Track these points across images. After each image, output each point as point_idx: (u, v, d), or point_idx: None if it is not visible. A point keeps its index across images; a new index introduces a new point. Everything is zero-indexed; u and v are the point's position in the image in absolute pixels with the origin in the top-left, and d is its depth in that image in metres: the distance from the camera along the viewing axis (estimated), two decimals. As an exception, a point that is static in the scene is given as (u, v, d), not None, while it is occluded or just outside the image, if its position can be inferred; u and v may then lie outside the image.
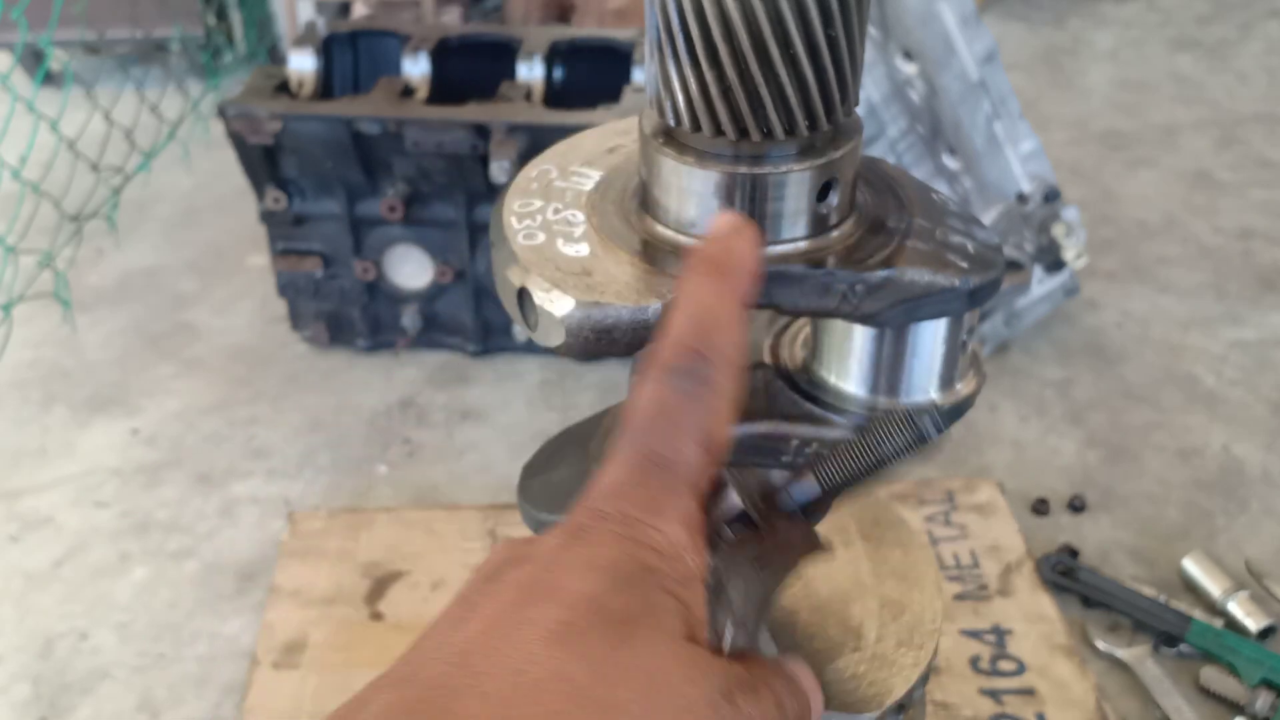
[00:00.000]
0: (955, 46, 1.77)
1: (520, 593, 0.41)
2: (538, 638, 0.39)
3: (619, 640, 0.39)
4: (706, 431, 0.46)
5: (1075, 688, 1.39)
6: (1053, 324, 2.13)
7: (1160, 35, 3.67)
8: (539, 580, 0.42)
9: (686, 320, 0.49)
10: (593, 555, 0.42)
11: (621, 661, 0.39)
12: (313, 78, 2.03)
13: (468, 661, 0.39)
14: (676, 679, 0.40)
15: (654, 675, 0.39)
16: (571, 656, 0.39)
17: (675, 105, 0.63)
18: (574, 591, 0.41)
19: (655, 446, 0.46)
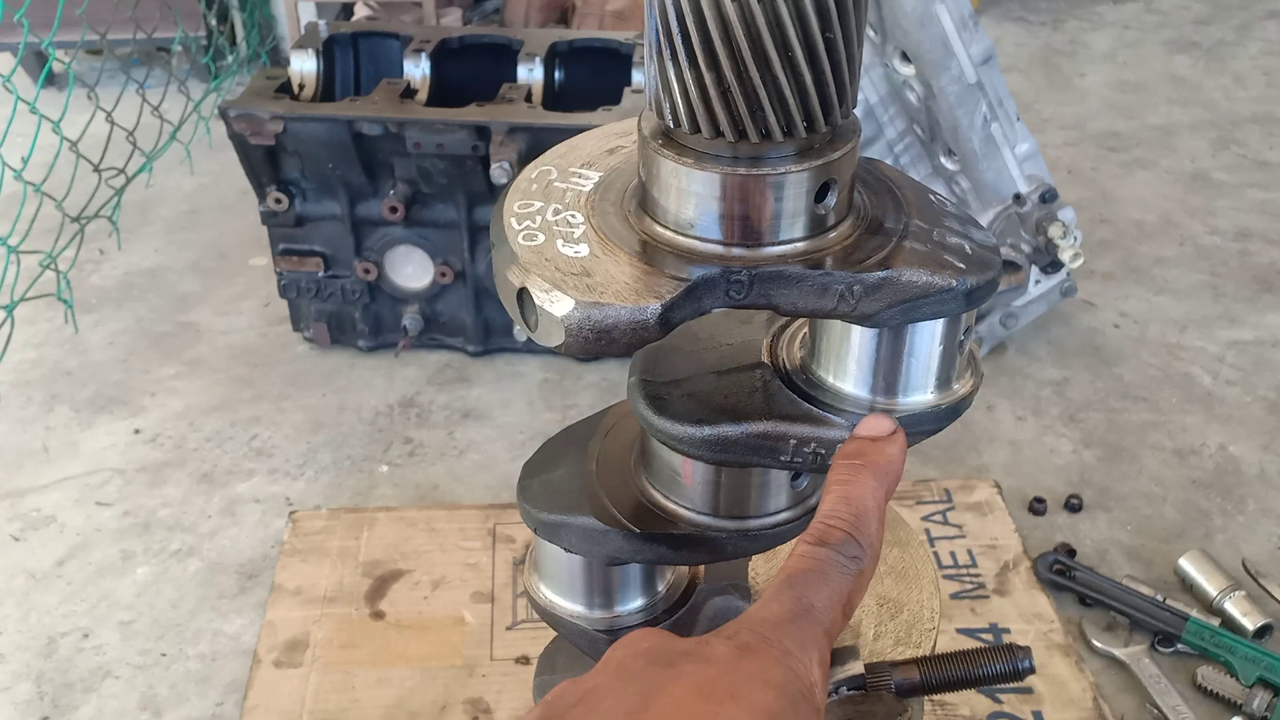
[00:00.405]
0: (953, 48, 1.78)
1: (704, 688, 0.49)
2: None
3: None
4: (848, 598, 0.56)
5: (1072, 686, 1.40)
6: (1050, 324, 2.14)
7: (1157, 37, 3.68)
8: (721, 682, 0.49)
9: (845, 504, 0.59)
10: (766, 674, 0.50)
11: None
12: (314, 79, 2.04)
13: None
14: None
15: None
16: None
17: (674, 107, 0.64)
18: (756, 701, 0.48)
19: (810, 598, 0.54)
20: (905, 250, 0.67)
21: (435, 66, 2.02)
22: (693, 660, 0.51)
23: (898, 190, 0.73)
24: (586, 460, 0.85)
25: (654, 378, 0.78)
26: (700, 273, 0.65)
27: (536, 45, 2.07)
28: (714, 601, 0.87)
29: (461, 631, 1.48)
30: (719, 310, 0.67)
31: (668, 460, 0.80)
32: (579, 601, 0.86)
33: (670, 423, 0.74)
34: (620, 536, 0.79)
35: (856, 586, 0.56)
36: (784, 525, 0.81)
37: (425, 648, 1.45)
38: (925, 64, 1.80)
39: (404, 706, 1.37)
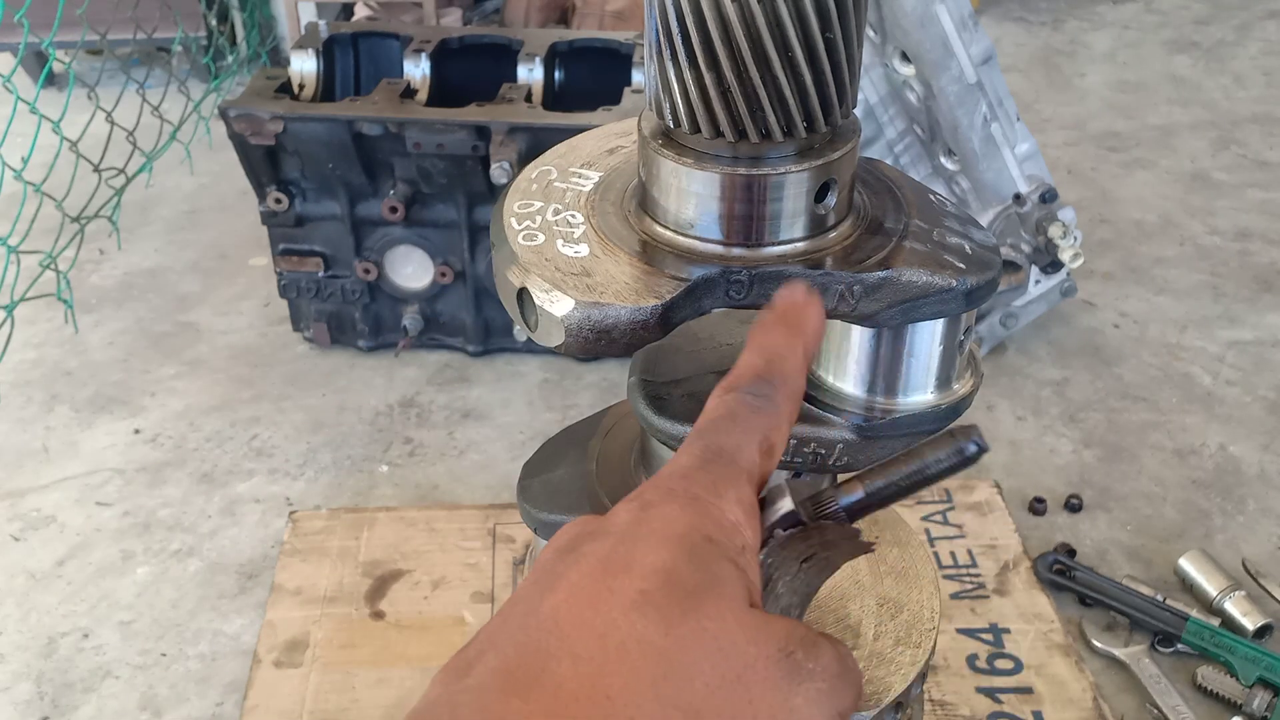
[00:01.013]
0: (953, 48, 1.78)
1: (600, 564, 0.46)
2: (619, 606, 0.44)
3: (690, 607, 0.45)
4: (765, 435, 0.52)
5: (1072, 686, 1.40)
6: (1050, 324, 2.14)
7: (1157, 37, 3.68)
8: (616, 552, 0.47)
9: (756, 354, 0.55)
10: (664, 529, 0.47)
11: (693, 626, 0.44)
12: (314, 79, 2.04)
13: (558, 627, 0.44)
14: (741, 640, 0.45)
15: (721, 638, 0.44)
16: (650, 623, 0.44)
17: (674, 107, 0.64)
18: (649, 564, 0.46)
19: (720, 442, 0.51)
20: (905, 250, 0.68)
21: (435, 66, 2.03)
22: (594, 538, 0.48)
23: (898, 190, 0.74)
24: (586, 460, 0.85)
25: (654, 378, 0.78)
26: (700, 273, 0.65)
27: (536, 45, 2.07)
28: None
29: (461, 631, 1.48)
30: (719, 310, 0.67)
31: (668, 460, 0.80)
32: (579, 601, 0.86)
33: (670, 423, 0.74)
34: (620, 536, 0.79)
35: (773, 424, 0.53)
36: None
37: (425, 648, 1.45)
38: (925, 64, 1.80)
39: (404, 706, 1.37)
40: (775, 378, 0.54)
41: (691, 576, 0.45)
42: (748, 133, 0.63)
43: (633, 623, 0.43)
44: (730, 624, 0.45)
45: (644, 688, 0.42)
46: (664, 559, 0.46)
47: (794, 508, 0.54)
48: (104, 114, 2.45)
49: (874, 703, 0.81)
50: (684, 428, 0.73)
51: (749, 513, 0.50)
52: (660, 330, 0.63)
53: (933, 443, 0.55)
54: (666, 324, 0.63)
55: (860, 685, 0.50)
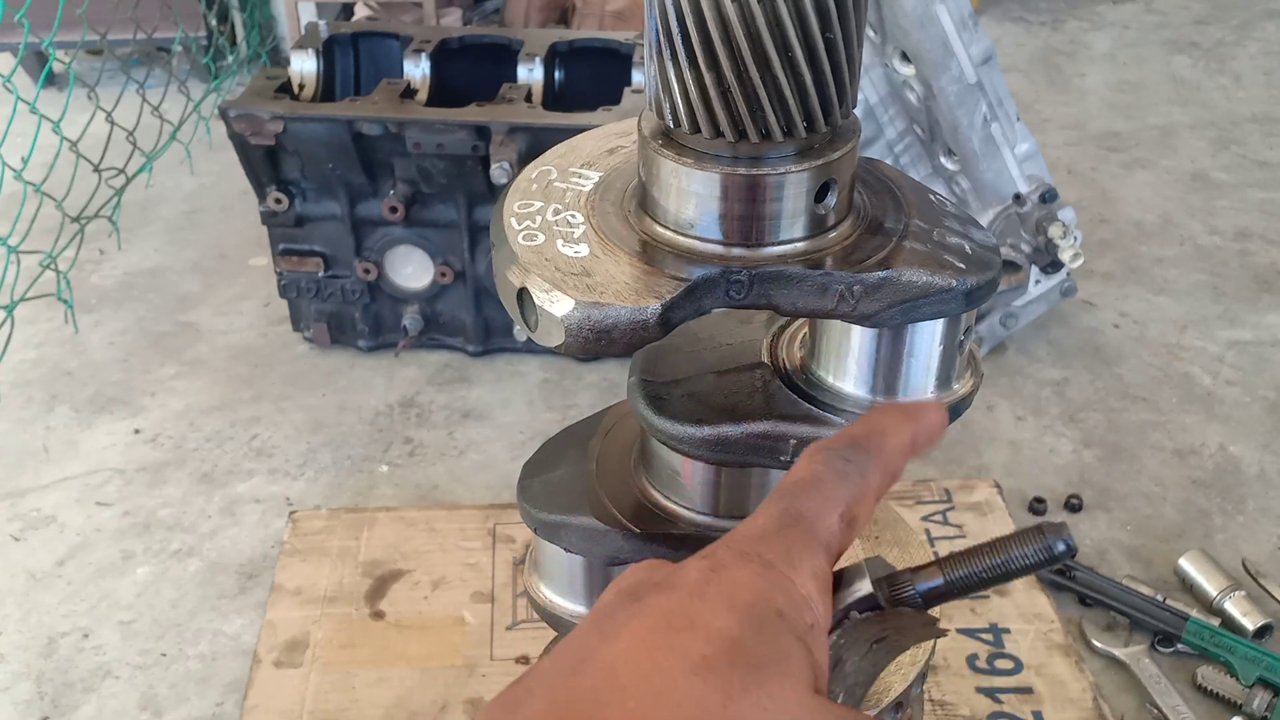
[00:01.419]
0: (953, 48, 1.78)
1: (665, 619, 0.44)
2: (679, 666, 0.42)
3: (753, 681, 0.42)
4: (849, 505, 0.50)
5: (1072, 686, 1.40)
6: (1049, 324, 2.14)
7: (1157, 37, 3.68)
8: (683, 610, 0.45)
9: (859, 424, 0.54)
10: (734, 594, 0.45)
11: (752, 701, 0.42)
12: (314, 79, 2.04)
13: (614, 676, 0.42)
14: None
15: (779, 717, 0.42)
16: (710, 689, 0.42)
17: (674, 107, 0.64)
18: (715, 628, 0.44)
19: (800, 506, 0.49)
20: (905, 250, 0.68)
21: (435, 66, 2.03)
22: (661, 590, 0.46)
23: (898, 190, 0.74)
24: (586, 460, 0.85)
25: (654, 378, 0.78)
26: (700, 273, 0.65)
27: (536, 45, 2.07)
28: None
29: (461, 631, 1.48)
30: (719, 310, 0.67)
31: (668, 460, 0.80)
32: (579, 601, 0.86)
33: (670, 423, 0.74)
34: (620, 536, 0.79)
35: (859, 495, 0.50)
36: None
37: (425, 648, 1.46)
38: (925, 64, 1.80)
39: (404, 706, 1.37)
40: (871, 448, 0.52)
41: (757, 649, 0.43)
42: (748, 133, 0.63)
43: (692, 686, 0.41)
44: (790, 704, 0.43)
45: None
46: (731, 626, 0.44)
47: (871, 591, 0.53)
48: (104, 114, 2.45)
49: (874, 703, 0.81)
50: (684, 428, 0.73)
51: (823, 588, 0.48)
52: (660, 330, 0.63)
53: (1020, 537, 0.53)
54: (666, 324, 0.63)
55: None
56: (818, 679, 0.46)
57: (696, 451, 0.74)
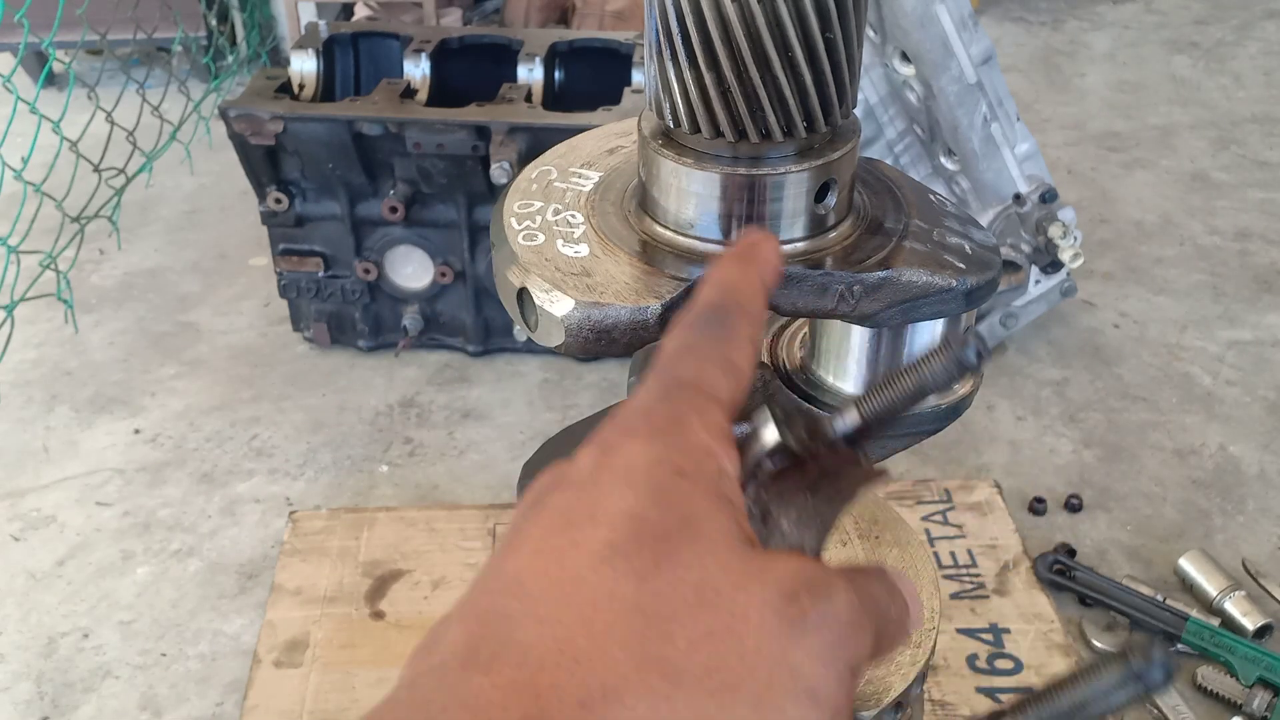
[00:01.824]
0: (953, 48, 1.78)
1: (562, 516, 0.42)
2: (585, 560, 0.40)
3: (664, 554, 0.40)
4: (728, 358, 0.48)
5: (1072, 686, 1.40)
6: (1049, 324, 2.14)
7: (1157, 37, 3.68)
8: (579, 502, 0.42)
9: (713, 288, 0.51)
10: (627, 471, 0.43)
11: (668, 576, 0.40)
12: (314, 79, 2.04)
13: (522, 589, 0.40)
14: (727, 587, 0.40)
15: (703, 586, 0.40)
16: (620, 575, 0.39)
17: (674, 107, 0.64)
18: (615, 511, 0.41)
19: (678, 373, 0.47)
20: (905, 250, 0.68)
21: (435, 66, 2.03)
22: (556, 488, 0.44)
23: (898, 190, 0.74)
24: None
25: (654, 378, 0.77)
26: (700, 273, 0.65)
27: (536, 45, 2.07)
28: None
29: (461, 631, 1.48)
30: (719, 310, 0.67)
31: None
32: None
33: (670, 423, 0.74)
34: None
35: (733, 345, 0.48)
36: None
37: (425, 648, 1.45)
38: (925, 64, 1.80)
39: (404, 706, 1.37)
40: (730, 304, 0.50)
41: (663, 519, 0.41)
42: (748, 133, 0.63)
43: (602, 578, 0.39)
44: (711, 571, 0.40)
45: (616, 650, 0.38)
46: (630, 503, 0.41)
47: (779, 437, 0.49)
48: (104, 114, 2.45)
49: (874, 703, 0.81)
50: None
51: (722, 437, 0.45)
52: (660, 330, 0.63)
53: (931, 355, 0.50)
54: (666, 324, 0.63)
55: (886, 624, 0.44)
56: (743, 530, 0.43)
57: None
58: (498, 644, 0.39)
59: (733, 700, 0.38)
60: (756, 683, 0.38)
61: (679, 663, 0.38)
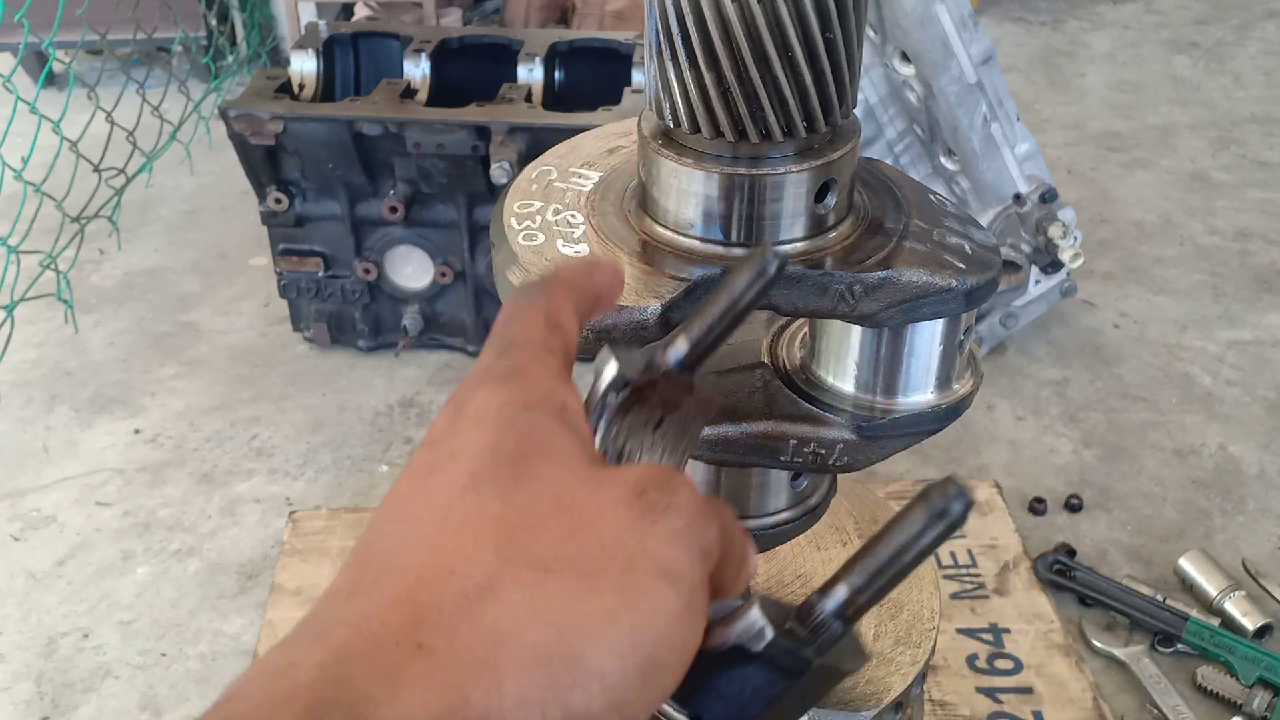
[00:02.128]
0: (953, 49, 1.78)
1: (427, 465, 0.46)
2: (452, 493, 0.44)
3: (523, 470, 0.44)
4: (551, 316, 0.52)
5: (1072, 686, 1.40)
6: (1049, 324, 2.14)
7: (1157, 37, 3.68)
8: (439, 452, 0.46)
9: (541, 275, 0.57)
10: (479, 415, 0.47)
11: (529, 488, 0.44)
12: (314, 79, 2.04)
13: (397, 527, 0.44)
14: (581, 492, 0.44)
15: (561, 493, 0.44)
16: (483, 497, 0.43)
17: (674, 107, 0.64)
18: (473, 448, 0.45)
19: (510, 335, 0.51)
20: (905, 250, 0.68)
21: (435, 66, 2.03)
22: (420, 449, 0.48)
23: (898, 190, 0.74)
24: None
25: (654, 378, 0.77)
26: (700, 273, 0.65)
27: (536, 45, 2.07)
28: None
29: (461, 631, 1.48)
30: (719, 310, 0.67)
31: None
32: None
33: (670, 423, 0.74)
34: (620, 536, 0.79)
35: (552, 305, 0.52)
36: (784, 525, 0.81)
37: (425, 648, 1.45)
38: (925, 64, 1.80)
39: (404, 706, 1.37)
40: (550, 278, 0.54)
41: (518, 444, 0.45)
42: (748, 133, 0.63)
43: (469, 503, 0.43)
44: (567, 479, 0.44)
45: (486, 555, 0.41)
46: (485, 438, 0.45)
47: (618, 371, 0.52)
48: (104, 114, 2.45)
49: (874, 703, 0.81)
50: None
51: (560, 379, 0.50)
52: (660, 330, 0.63)
53: (733, 271, 0.52)
54: (666, 324, 0.63)
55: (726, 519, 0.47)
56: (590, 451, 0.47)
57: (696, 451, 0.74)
58: (378, 572, 0.42)
59: (599, 583, 0.41)
60: (617, 567, 0.42)
61: (546, 557, 0.42)
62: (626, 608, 0.41)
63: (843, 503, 0.97)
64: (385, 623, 0.40)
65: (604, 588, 0.41)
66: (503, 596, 0.40)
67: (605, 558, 0.42)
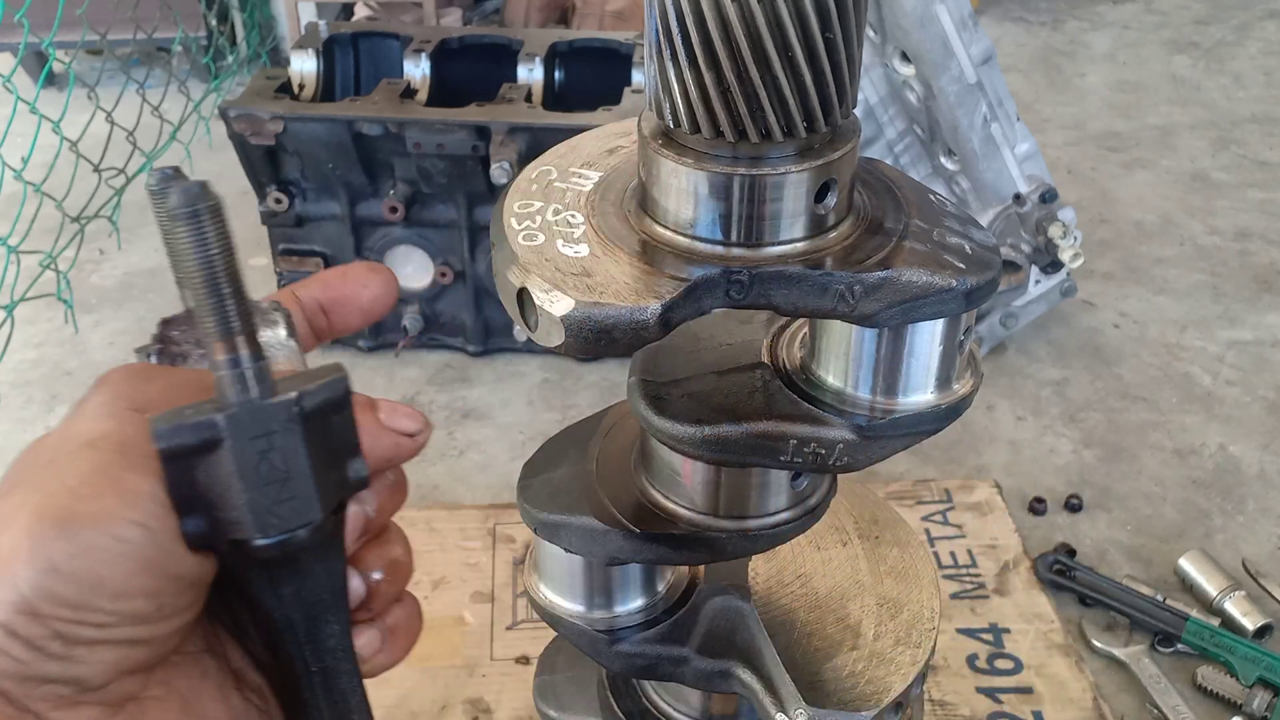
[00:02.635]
0: (953, 48, 1.78)
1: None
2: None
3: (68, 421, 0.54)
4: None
5: (1072, 686, 1.40)
6: (1049, 324, 2.14)
7: (1157, 37, 3.68)
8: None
9: None
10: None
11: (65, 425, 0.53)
12: (314, 79, 2.04)
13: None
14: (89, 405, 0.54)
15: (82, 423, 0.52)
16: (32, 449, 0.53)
17: (674, 107, 0.64)
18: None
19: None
20: (905, 250, 0.67)
21: (435, 66, 2.03)
22: None
23: (898, 190, 0.73)
24: (586, 460, 0.85)
25: (654, 378, 0.78)
26: (700, 273, 0.65)
27: (536, 45, 2.07)
28: (714, 601, 0.87)
29: (461, 631, 1.48)
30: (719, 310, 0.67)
31: (668, 460, 0.80)
32: (579, 602, 0.86)
33: (670, 423, 0.74)
34: (620, 536, 0.79)
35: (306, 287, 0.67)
36: (784, 525, 0.81)
37: (425, 647, 1.45)
38: (925, 64, 1.80)
39: (404, 706, 1.37)
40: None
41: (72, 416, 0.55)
42: (748, 133, 0.63)
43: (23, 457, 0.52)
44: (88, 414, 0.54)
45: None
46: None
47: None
48: (104, 114, 2.45)
49: (874, 703, 0.81)
50: (684, 428, 0.73)
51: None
52: (660, 330, 0.63)
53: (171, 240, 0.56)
54: (666, 324, 0.63)
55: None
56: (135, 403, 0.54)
57: (696, 451, 0.74)
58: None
59: (23, 487, 0.49)
60: (40, 465, 0.50)
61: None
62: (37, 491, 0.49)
63: (843, 503, 0.97)
64: None
65: (26, 487, 0.49)
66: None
67: (38, 466, 0.51)
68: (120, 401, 0.53)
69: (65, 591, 0.47)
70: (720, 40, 0.60)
